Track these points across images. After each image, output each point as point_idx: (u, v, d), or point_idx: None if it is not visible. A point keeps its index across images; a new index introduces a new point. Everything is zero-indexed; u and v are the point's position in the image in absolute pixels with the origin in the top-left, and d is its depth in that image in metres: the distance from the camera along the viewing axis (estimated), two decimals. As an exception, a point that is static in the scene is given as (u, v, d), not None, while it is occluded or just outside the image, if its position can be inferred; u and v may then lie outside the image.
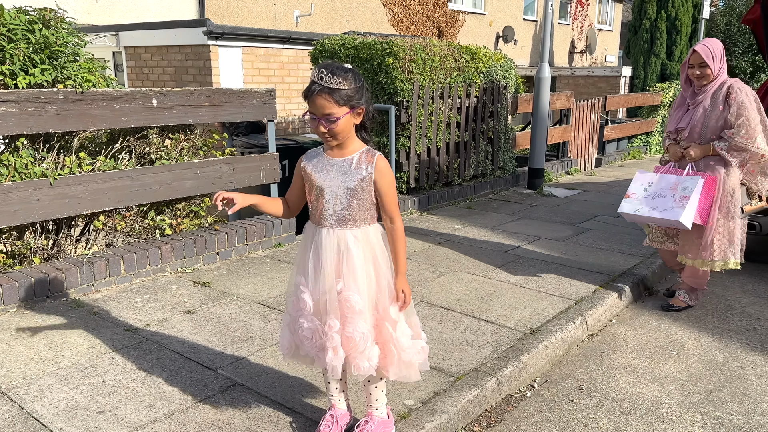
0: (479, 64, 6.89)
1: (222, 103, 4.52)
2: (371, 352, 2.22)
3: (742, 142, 3.60)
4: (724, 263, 3.78)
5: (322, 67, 2.07)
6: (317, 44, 6.39)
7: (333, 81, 2.04)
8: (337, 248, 2.20)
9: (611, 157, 10.41)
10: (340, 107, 2.07)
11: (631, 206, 3.85)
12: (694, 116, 3.72)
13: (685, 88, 3.84)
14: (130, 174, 4.10)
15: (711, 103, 3.67)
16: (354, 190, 2.19)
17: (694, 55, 3.67)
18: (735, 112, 3.60)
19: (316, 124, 2.11)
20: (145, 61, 8.66)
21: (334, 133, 2.11)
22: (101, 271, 3.89)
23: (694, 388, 3.07)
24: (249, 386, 2.76)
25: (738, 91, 3.63)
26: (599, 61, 22.39)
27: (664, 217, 3.68)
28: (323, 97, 2.05)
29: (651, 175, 3.90)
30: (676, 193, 3.69)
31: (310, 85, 2.09)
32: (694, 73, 3.69)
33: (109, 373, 2.86)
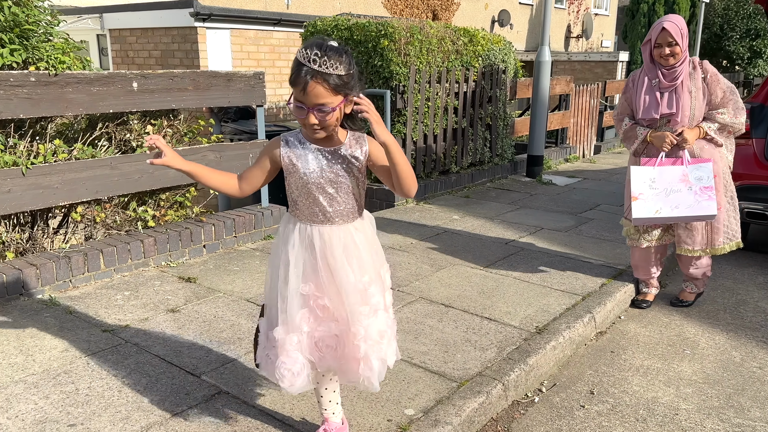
0: (477, 47, 6.63)
1: (207, 87, 4.26)
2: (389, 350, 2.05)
3: (730, 120, 3.42)
4: (737, 244, 3.66)
5: (313, 46, 1.77)
6: (309, 26, 6.12)
7: (328, 65, 1.76)
8: (344, 245, 1.98)
9: (610, 144, 10.20)
10: (335, 95, 1.80)
11: (646, 209, 3.45)
12: (681, 99, 3.41)
13: (651, 68, 3.48)
14: (109, 162, 3.84)
15: (692, 84, 3.42)
16: (349, 182, 1.96)
17: (663, 33, 3.33)
18: (719, 90, 3.41)
19: (305, 114, 1.83)
20: (130, 44, 8.35)
21: (326, 125, 1.86)
22: (79, 266, 3.65)
23: (712, 392, 2.88)
24: (235, 394, 2.54)
25: (713, 68, 3.46)
26: (595, 46, 22.12)
27: (693, 214, 3.42)
28: (317, 83, 1.77)
29: (648, 170, 3.50)
30: (692, 185, 3.42)
31: (298, 68, 1.79)
32: (663, 53, 3.36)
33: (83, 380, 2.63)
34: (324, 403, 2.20)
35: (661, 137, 3.44)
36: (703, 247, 3.62)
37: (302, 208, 1.99)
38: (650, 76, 3.49)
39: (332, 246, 1.97)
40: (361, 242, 2.02)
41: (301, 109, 1.83)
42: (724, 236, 3.60)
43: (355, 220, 2.03)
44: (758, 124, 4.63)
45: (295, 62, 1.81)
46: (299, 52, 1.80)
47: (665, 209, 3.44)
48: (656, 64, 3.45)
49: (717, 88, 3.41)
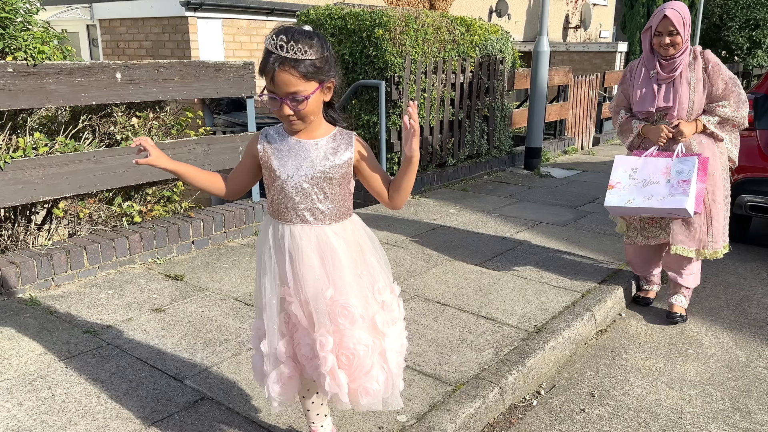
0: (474, 36, 6.49)
1: (195, 78, 4.12)
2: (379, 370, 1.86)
3: (731, 113, 3.22)
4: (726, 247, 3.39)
5: (279, 32, 1.65)
6: (301, 15, 5.97)
7: (296, 50, 1.63)
8: (317, 248, 1.82)
9: (608, 136, 10.07)
10: (308, 82, 1.67)
11: (619, 197, 3.29)
12: (678, 92, 3.22)
13: (650, 59, 3.29)
14: (92, 156, 3.71)
15: (692, 75, 3.23)
16: (331, 177, 1.81)
17: (665, 21, 3.14)
18: (721, 81, 3.21)
19: (279, 105, 1.70)
20: (120, 34, 8.19)
21: (302, 115, 1.72)
22: (61, 263, 3.53)
23: (717, 394, 2.77)
24: (219, 400, 2.42)
25: (715, 58, 3.25)
26: (593, 36, 21.92)
27: (663, 206, 3.19)
28: (286, 71, 1.64)
29: (633, 160, 3.35)
30: (671, 177, 3.22)
31: (266, 56, 1.66)
32: (663, 42, 3.17)
33: (60, 385, 2.51)
34: (311, 416, 2.09)
35: (656, 130, 3.27)
36: (699, 248, 3.33)
37: (276, 205, 1.86)
38: (648, 66, 3.31)
39: (301, 247, 1.83)
40: (341, 248, 1.84)
41: (274, 99, 1.70)
42: (723, 238, 3.36)
43: (334, 224, 1.86)
44: (762, 115, 4.51)
45: (264, 51, 1.68)
46: (267, 39, 1.67)
47: (638, 199, 3.26)
48: (655, 53, 3.27)
49: (718, 79, 3.22)
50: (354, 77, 5.76)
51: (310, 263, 1.81)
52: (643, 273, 3.71)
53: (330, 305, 1.81)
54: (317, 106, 1.75)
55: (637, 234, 3.51)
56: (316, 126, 1.81)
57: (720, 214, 3.33)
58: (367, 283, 1.87)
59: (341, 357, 1.83)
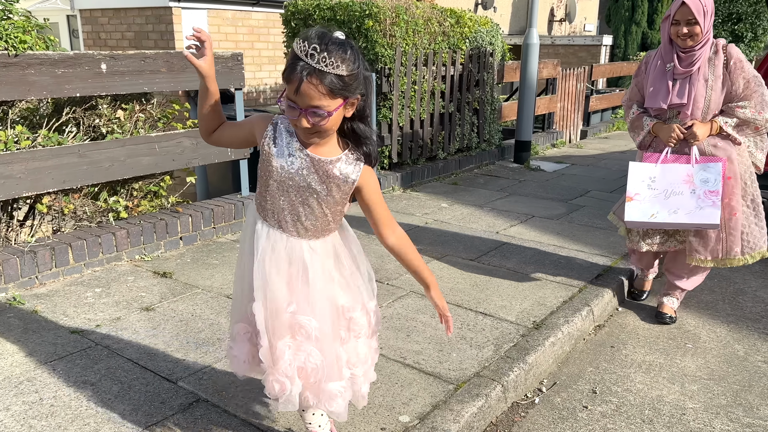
0: (464, 28, 6.42)
1: (182, 69, 4.00)
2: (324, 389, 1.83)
3: (751, 115, 2.97)
4: (761, 254, 3.18)
5: (313, 39, 1.51)
6: (290, 5, 5.85)
7: (329, 63, 1.50)
8: (289, 260, 1.76)
9: (596, 129, 10.07)
10: (333, 99, 1.55)
11: (641, 211, 3.05)
12: (694, 88, 3.00)
13: (668, 50, 3.07)
14: (77, 150, 3.59)
15: (711, 71, 3.00)
16: (327, 196, 1.72)
17: (683, 8, 2.91)
18: (742, 79, 2.98)
19: (297, 115, 1.58)
20: (102, 25, 8.00)
21: (320, 129, 1.61)
22: (46, 261, 3.41)
23: (718, 389, 2.75)
24: (215, 402, 2.35)
25: (739, 54, 3.02)
26: (578, 29, 21.97)
27: (692, 221, 3.00)
28: (312, 83, 1.51)
29: (650, 167, 3.10)
30: (695, 188, 3.00)
31: (294, 62, 1.52)
32: (680, 32, 2.94)
33: (48, 388, 2.41)
34: (307, 417, 2.02)
35: (667, 129, 3.06)
36: (718, 257, 3.16)
37: (263, 201, 1.79)
38: (666, 59, 3.06)
39: (278, 255, 1.76)
40: (313, 266, 1.77)
41: (293, 109, 1.58)
42: (744, 245, 3.14)
43: (314, 239, 1.78)
44: None
45: (291, 54, 1.56)
46: (297, 43, 1.53)
47: (662, 213, 3.04)
48: (674, 45, 3.03)
49: (739, 77, 2.97)
50: (343, 69, 5.66)
51: (280, 273, 1.76)
52: (639, 266, 3.65)
53: (290, 319, 1.77)
54: (337, 123, 1.64)
55: (640, 240, 3.30)
56: (326, 141, 1.70)
57: (739, 221, 3.11)
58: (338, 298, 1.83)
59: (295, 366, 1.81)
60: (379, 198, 1.79)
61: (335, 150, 1.72)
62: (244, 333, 1.92)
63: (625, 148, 8.36)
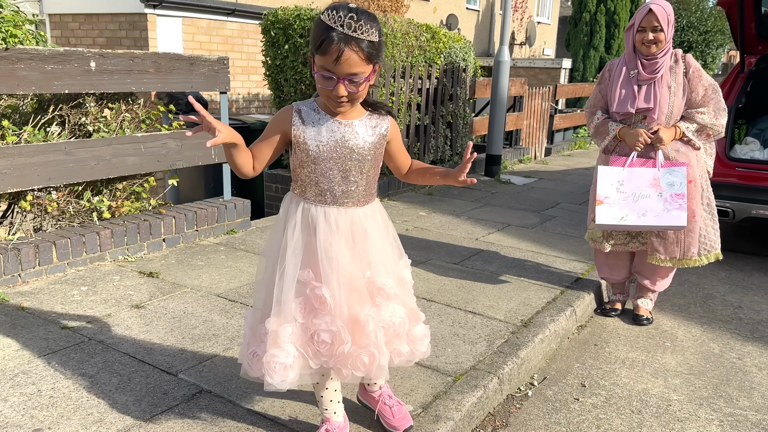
0: (439, 44, 6.59)
1: (169, 70, 4.00)
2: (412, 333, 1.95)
3: (710, 121, 3.14)
4: (716, 255, 3.37)
5: (341, 8, 1.58)
6: (269, 15, 5.90)
7: (365, 30, 1.59)
8: (351, 230, 1.82)
9: (560, 147, 10.38)
10: (369, 64, 1.65)
11: (611, 215, 3.15)
12: (658, 94, 3.12)
13: (631, 58, 3.18)
14: (63, 147, 3.54)
15: (672, 79, 3.15)
16: (367, 159, 1.82)
17: (649, 15, 3.04)
18: (701, 87, 3.14)
19: (334, 85, 1.64)
20: (72, 30, 7.87)
21: (354, 97, 1.70)
22: (29, 259, 3.34)
23: (699, 383, 2.88)
24: (218, 393, 2.34)
25: (696, 63, 3.18)
26: (537, 53, 22.64)
27: (660, 224, 3.11)
28: (354, 50, 1.59)
29: (617, 171, 3.19)
30: (662, 191, 3.12)
31: (326, 32, 1.58)
32: (646, 38, 3.06)
33: (45, 380, 2.37)
34: (324, 402, 2.04)
35: (633, 135, 3.15)
36: (676, 257, 3.30)
37: (309, 186, 1.83)
38: (629, 66, 3.20)
39: (337, 230, 1.81)
40: (373, 230, 1.87)
41: (330, 79, 1.64)
42: (701, 246, 3.32)
43: (365, 205, 1.88)
44: None
45: (319, 26, 1.61)
46: (326, 14, 1.60)
47: (631, 216, 3.14)
48: (637, 53, 3.17)
49: (699, 84, 3.15)
50: (323, 79, 5.73)
51: (345, 244, 1.80)
52: (611, 277, 3.63)
53: (368, 285, 1.82)
54: (366, 90, 1.73)
55: (603, 240, 3.41)
56: (353, 107, 1.80)
57: (698, 223, 3.26)
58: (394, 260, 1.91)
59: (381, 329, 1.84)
60: (402, 147, 2.02)
61: (361, 113, 1.84)
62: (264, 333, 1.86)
63: (588, 165, 8.66)
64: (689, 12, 20.98)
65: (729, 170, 4.52)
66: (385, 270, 1.85)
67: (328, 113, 1.79)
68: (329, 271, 1.79)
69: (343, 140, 1.78)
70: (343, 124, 1.79)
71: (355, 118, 1.81)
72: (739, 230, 5.61)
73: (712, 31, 20.39)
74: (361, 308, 1.82)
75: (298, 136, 1.79)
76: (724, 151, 4.59)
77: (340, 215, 1.81)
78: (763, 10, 4.93)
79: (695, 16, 20.63)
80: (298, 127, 1.78)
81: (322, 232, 1.80)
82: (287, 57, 5.85)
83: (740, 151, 4.84)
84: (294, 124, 1.79)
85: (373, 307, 1.85)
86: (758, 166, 4.58)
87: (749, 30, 4.97)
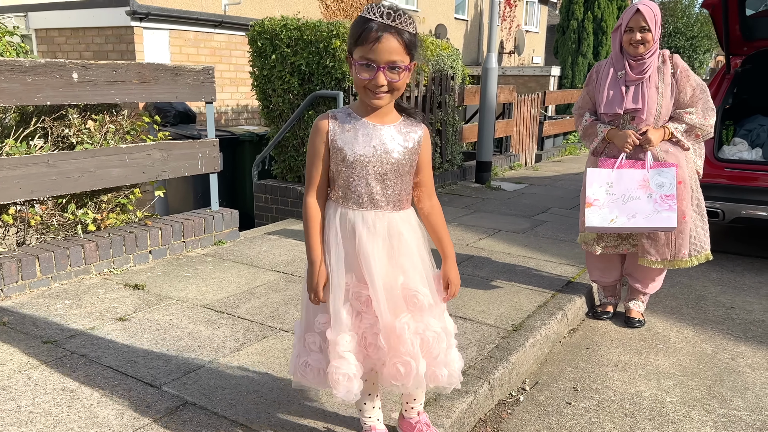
0: (427, 52, 6.58)
1: (154, 81, 3.97)
2: (449, 356, 1.88)
3: (698, 121, 3.12)
4: (706, 256, 3.33)
5: (381, 5, 1.66)
6: (255, 25, 5.89)
7: (404, 21, 1.64)
8: (387, 235, 1.79)
9: (550, 153, 10.40)
10: (407, 55, 1.68)
11: (600, 217, 3.12)
12: (646, 94, 3.10)
13: (619, 59, 3.17)
14: (46, 160, 3.50)
15: (660, 79, 3.13)
16: (403, 163, 1.80)
17: (637, 15, 3.03)
18: (689, 87, 3.12)
19: (374, 73, 1.66)
20: (59, 45, 7.84)
21: (393, 87, 1.71)
22: (12, 273, 3.29)
23: (692, 384, 2.85)
24: (203, 405, 2.29)
25: (684, 64, 3.17)
26: (526, 61, 22.76)
27: (650, 225, 3.08)
28: (393, 38, 1.63)
29: (606, 173, 3.16)
30: (652, 192, 3.08)
31: (365, 23, 1.65)
32: (634, 38, 3.04)
33: (25, 395, 2.31)
34: (368, 410, 2.03)
35: (622, 136, 3.12)
36: (667, 259, 3.27)
37: (346, 191, 1.81)
38: (617, 67, 3.18)
39: (375, 232, 1.79)
40: (408, 235, 1.84)
41: (370, 68, 1.67)
42: (691, 247, 3.28)
43: (401, 210, 1.85)
44: None
45: (358, 22, 1.68)
46: (366, 11, 1.66)
47: (621, 218, 3.11)
48: (624, 54, 3.15)
49: (687, 85, 3.13)
50: (311, 88, 5.72)
51: (383, 249, 1.79)
52: (602, 282, 3.61)
53: (402, 292, 1.80)
54: (404, 86, 1.74)
55: (594, 243, 3.39)
56: (389, 110, 1.80)
57: (688, 224, 3.24)
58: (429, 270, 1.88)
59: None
60: (430, 163, 1.91)
61: (396, 118, 1.83)
62: (312, 342, 1.90)
63: (578, 171, 8.66)
64: (676, 18, 21.17)
65: (718, 171, 4.52)
66: (420, 278, 1.82)
67: (363, 117, 1.79)
68: (371, 273, 1.78)
69: (380, 144, 1.78)
70: (379, 129, 1.79)
71: (391, 122, 1.81)
72: (731, 231, 5.60)
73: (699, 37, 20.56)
74: (395, 315, 1.81)
75: (334, 141, 1.79)
76: (713, 152, 4.59)
77: (377, 218, 1.80)
78: (747, 12, 4.95)
79: (682, 21, 20.81)
80: (334, 133, 1.79)
81: (362, 234, 1.79)
82: (274, 67, 5.83)
83: (728, 151, 4.85)
84: (330, 130, 1.79)
85: (408, 314, 1.82)
86: (747, 166, 4.58)
87: (734, 31, 4.99)
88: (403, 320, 1.79)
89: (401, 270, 1.82)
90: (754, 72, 5.03)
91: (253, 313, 3.18)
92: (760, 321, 3.61)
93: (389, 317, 1.79)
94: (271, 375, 2.53)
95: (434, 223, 1.95)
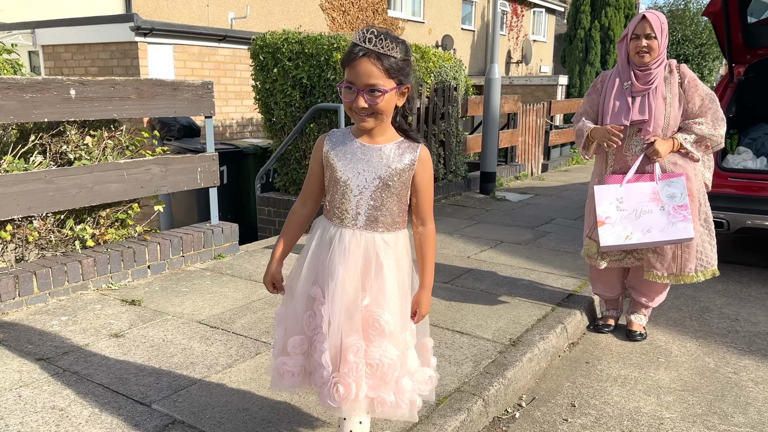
0: (429, 63, 6.58)
1: (152, 96, 3.99)
2: (400, 384, 1.86)
3: (708, 131, 3.05)
4: (713, 272, 3.25)
5: (367, 29, 1.69)
6: (258, 39, 5.92)
7: (383, 45, 1.67)
8: (364, 255, 1.80)
9: (556, 162, 10.34)
10: (388, 79, 1.70)
11: (615, 235, 3.03)
12: (653, 105, 3.04)
13: (625, 69, 3.12)
14: (44, 176, 3.51)
15: (668, 89, 3.06)
16: (390, 185, 1.80)
17: (642, 23, 2.99)
18: (698, 97, 3.06)
19: (354, 97, 1.71)
20: (65, 60, 7.93)
21: (375, 110, 1.72)
22: (9, 290, 3.29)
23: (693, 399, 2.79)
24: (191, 423, 2.27)
25: (691, 73, 3.11)
26: (534, 71, 22.74)
27: (667, 238, 3.00)
28: (370, 62, 1.67)
29: (614, 189, 3.09)
30: (664, 204, 3.01)
31: (352, 48, 1.70)
32: (640, 45, 3.00)
33: (14, 415, 2.30)
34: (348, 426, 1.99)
35: (601, 131, 3.07)
36: (673, 273, 3.18)
37: (333, 206, 1.86)
38: (623, 77, 3.12)
39: (348, 250, 1.80)
40: (387, 259, 1.82)
41: (350, 90, 1.71)
42: (698, 262, 3.19)
43: (386, 232, 1.85)
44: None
45: (350, 45, 1.73)
46: (355, 34, 1.71)
47: (636, 234, 3.02)
48: (631, 64, 3.10)
49: (695, 94, 3.06)
50: (312, 101, 5.73)
51: (353, 268, 1.79)
52: (605, 293, 3.55)
53: (364, 314, 1.80)
54: (390, 107, 1.76)
55: (599, 257, 3.31)
56: (383, 131, 1.81)
57: (695, 239, 3.14)
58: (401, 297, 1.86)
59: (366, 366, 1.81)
60: (429, 187, 1.89)
61: (393, 138, 1.84)
62: (299, 346, 1.93)
63: (585, 180, 8.59)
64: (684, 26, 21.09)
65: (722, 181, 4.46)
66: (388, 303, 1.80)
67: (357, 137, 1.82)
68: (330, 290, 1.81)
69: (367, 164, 1.80)
70: (372, 149, 1.81)
71: (386, 142, 1.82)
72: (737, 241, 5.53)
73: (707, 44, 20.45)
74: (346, 336, 1.80)
75: (327, 158, 1.85)
76: (717, 162, 4.53)
77: (354, 237, 1.82)
78: (749, 20, 4.91)
79: (690, 29, 20.72)
80: (328, 151, 1.85)
81: (334, 251, 1.83)
82: (276, 80, 5.85)
83: (733, 161, 4.79)
84: (325, 147, 1.85)
85: (361, 339, 1.81)
86: (752, 175, 4.52)
87: (736, 40, 4.94)
88: (352, 341, 1.79)
89: (369, 292, 1.81)
90: (757, 80, 4.98)
91: (247, 328, 3.16)
92: (765, 333, 3.54)
93: (336, 337, 1.79)
94: (263, 392, 2.50)
95: (422, 251, 1.95)
